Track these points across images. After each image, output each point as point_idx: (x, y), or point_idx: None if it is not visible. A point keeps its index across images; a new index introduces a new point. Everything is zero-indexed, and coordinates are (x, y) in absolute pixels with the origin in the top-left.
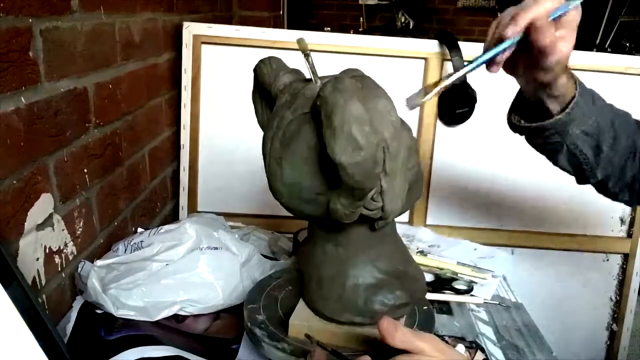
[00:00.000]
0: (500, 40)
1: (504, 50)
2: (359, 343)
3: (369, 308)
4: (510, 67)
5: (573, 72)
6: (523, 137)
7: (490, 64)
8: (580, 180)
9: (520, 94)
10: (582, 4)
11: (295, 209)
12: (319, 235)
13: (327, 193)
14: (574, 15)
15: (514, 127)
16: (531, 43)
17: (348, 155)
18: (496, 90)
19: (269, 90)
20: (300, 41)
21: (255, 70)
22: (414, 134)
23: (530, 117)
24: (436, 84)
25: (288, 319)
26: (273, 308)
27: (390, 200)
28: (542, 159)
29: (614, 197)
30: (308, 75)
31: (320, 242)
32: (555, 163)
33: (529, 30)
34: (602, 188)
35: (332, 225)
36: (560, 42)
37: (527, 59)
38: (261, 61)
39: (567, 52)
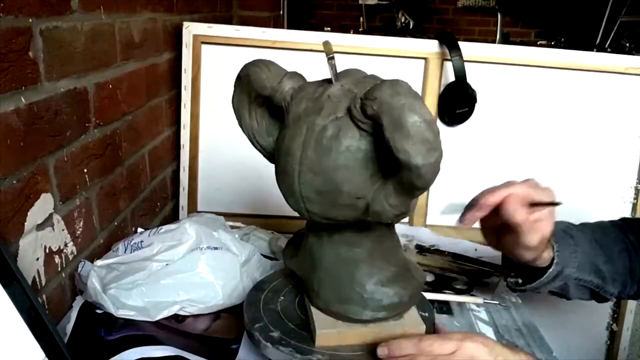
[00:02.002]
0: (474, 202)
1: (469, 210)
2: (387, 337)
3: (390, 302)
4: (496, 245)
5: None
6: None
7: (461, 218)
8: (600, 300)
9: (506, 259)
10: (582, 3)
11: (325, 215)
12: (328, 240)
13: (368, 196)
14: (543, 212)
15: (514, 290)
16: (506, 219)
17: (423, 157)
18: (496, 90)
19: (268, 95)
20: (325, 44)
21: (247, 74)
22: None
23: (524, 275)
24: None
25: (288, 318)
26: (273, 308)
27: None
28: (541, 158)
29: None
30: (322, 78)
31: (332, 245)
32: (570, 298)
33: (502, 207)
34: (625, 296)
35: (352, 227)
36: (537, 224)
37: (510, 239)
38: (254, 65)
39: (544, 232)
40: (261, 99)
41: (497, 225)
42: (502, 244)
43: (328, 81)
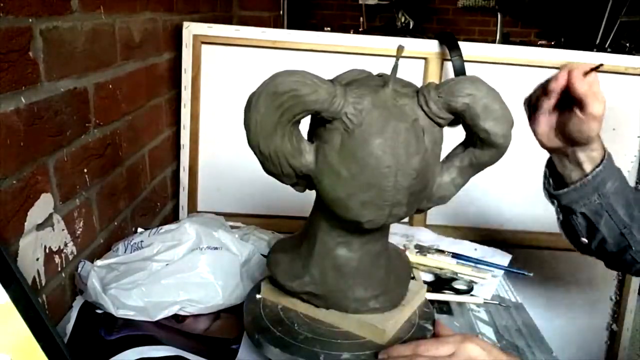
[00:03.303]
0: (545, 93)
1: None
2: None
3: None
4: (554, 134)
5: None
6: (561, 218)
7: (532, 115)
8: (619, 258)
9: (551, 168)
10: (582, 3)
11: (400, 217)
12: (336, 242)
13: (434, 184)
14: (595, 77)
15: (555, 197)
16: (572, 94)
17: (507, 135)
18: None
19: (318, 110)
20: (399, 48)
21: (291, 89)
22: None
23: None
24: None
25: (288, 318)
26: (273, 308)
27: None
28: (542, 159)
29: None
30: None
31: (336, 247)
32: (595, 238)
33: (569, 85)
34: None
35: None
36: (599, 98)
37: (577, 118)
38: (296, 78)
39: (602, 103)
40: (302, 116)
41: (555, 115)
42: (566, 129)
43: (373, 86)
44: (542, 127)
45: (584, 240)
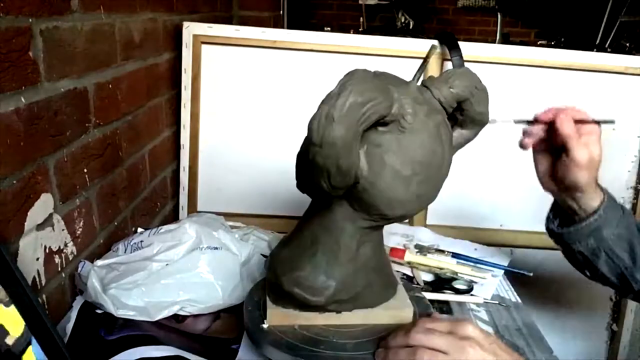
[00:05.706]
0: (535, 120)
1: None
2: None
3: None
4: (549, 177)
5: (602, 187)
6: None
7: (521, 143)
8: (623, 290)
9: (555, 206)
10: (582, 3)
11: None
12: (358, 242)
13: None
14: (594, 128)
15: (554, 234)
16: (557, 134)
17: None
18: (496, 90)
19: (386, 115)
20: (433, 47)
21: (371, 102)
22: None
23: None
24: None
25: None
26: (288, 332)
27: None
28: None
29: None
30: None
31: (359, 247)
32: (596, 274)
33: (555, 124)
34: None
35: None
36: (585, 143)
37: (563, 162)
38: (373, 89)
39: (592, 152)
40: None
41: (550, 158)
42: (557, 171)
43: (400, 83)
44: (541, 168)
45: (586, 272)
